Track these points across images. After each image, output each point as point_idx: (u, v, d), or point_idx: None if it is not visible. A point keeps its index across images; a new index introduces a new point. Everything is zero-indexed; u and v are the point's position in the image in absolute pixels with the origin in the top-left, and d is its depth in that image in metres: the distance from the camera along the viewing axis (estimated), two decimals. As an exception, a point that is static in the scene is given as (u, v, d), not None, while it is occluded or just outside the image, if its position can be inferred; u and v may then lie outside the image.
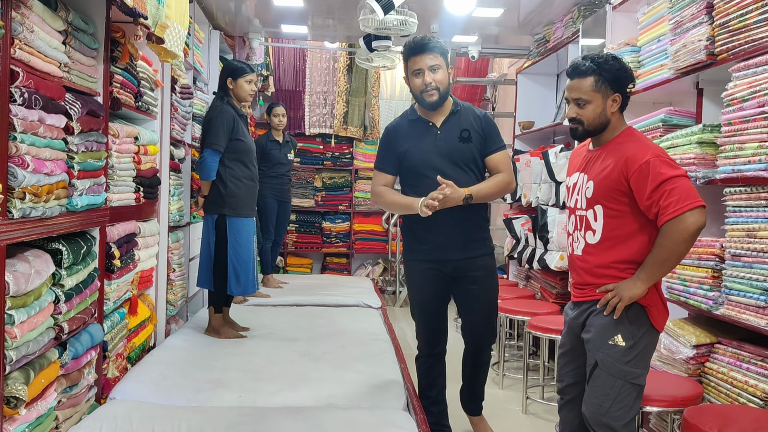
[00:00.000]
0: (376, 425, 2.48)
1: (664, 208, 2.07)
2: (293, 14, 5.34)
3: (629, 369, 2.16)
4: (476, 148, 2.85)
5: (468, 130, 2.84)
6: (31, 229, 2.07)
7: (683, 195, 2.05)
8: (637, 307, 2.17)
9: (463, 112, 2.89)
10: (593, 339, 2.22)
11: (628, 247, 2.19)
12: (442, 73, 2.80)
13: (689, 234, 2.05)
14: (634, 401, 2.19)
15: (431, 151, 2.83)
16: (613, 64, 2.23)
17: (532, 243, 4.98)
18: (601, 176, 2.22)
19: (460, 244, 2.85)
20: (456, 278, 2.92)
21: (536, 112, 5.65)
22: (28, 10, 2.04)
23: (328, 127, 7.76)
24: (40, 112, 2.09)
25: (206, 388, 2.86)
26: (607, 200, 2.21)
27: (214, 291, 3.80)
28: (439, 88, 2.78)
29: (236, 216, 3.72)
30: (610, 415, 2.17)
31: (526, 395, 3.75)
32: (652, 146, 2.18)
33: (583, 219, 2.30)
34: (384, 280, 7.81)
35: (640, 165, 2.11)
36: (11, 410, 1.96)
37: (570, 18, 4.70)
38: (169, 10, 2.95)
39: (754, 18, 2.47)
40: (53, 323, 2.24)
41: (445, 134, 2.84)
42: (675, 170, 2.09)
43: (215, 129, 3.66)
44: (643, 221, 2.17)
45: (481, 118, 2.87)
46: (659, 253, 2.11)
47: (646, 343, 2.19)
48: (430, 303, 2.94)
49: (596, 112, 2.23)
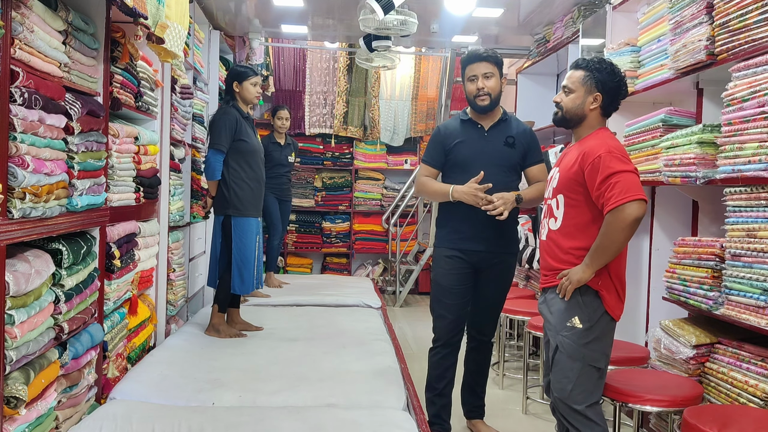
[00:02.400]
0: (376, 425, 2.48)
1: (608, 199, 2.22)
2: (293, 14, 5.34)
3: (588, 352, 2.32)
4: (518, 156, 3.06)
5: (513, 137, 3.06)
6: (31, 229, 2.07)
7: (625, 188, 2.20)
8: (592, 292, 2.33)
9: (511, 122, 3.12)
10: (553, 323, 2.41)
11: (585, 236, 2.35)
12: (494, 81, 3.02)
13: (626, 224, 2.20)
14: (596, 384, 2.35)
15: (478, 149, 3.03)
16: (606, 68, 2.41)
17: (532, 243, 4.98)
18: (565, 168, 2.42)
19: (490, 238, 3.02)
20: (479, 270, 3.07)
21: (536, 112, 5.64)
22: (28, 10, 2.04)
23: (328, 127, 7.77)
24: (40, 112, 2.09)
25: (206, 388, 2.86)
26: (568, 190, 2.39)
27: (219, 290, 3.84)
28: (490, 93, 3.01)
29: (240, 216, 3.77)
30: (572, 398, 2.33)
31: (526, 395, 3.75)
32: (610, 143, 2.33)
33: (549, 207, 2.49)
34: (384, 280, 7.80)
35: (593, 159, 2.28)
36: (11, 410, 1.96)
37: (570, 18, 4.70)
38: (169, 10, 2.95)
39: (754, 18, 2.47)
40: (53, 323, 2.24)
41: (492, 137, 3.06)
42: (624, 165, 2.24)
43: (217, 130, 3.74)
44: (596, 212, 2.32)
45: (528, 132, 3.11)
46: (601, 241, 2.26)
47: (603, 327, 2.34)
48: (455, 290, 3.06)
49: (575, 103, 2.44)
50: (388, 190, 7.99)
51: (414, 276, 7.20)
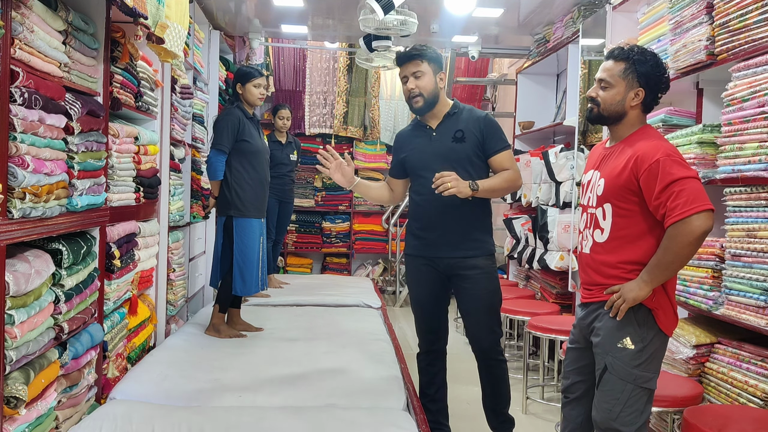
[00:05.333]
0: (376, 425, 2.48)
1: (671, 209, 2.00)
2: (293, 14, 5.34)
3: (639, 372, 2.11)
4: (471, 149, 2.85)
5: (462, 130, 2.86)
6: (31, 229, 2.07)
7: (691, 197, 1.97)
8: (645, 310, 2.11)
9: (462, 114, 2.91)
10: (602, 342, 2.17)
11: (636, 248, 2.13)
12: (425, 79, 2.83)
13: (694, 237, 1.98)
14: (645, 405, 2.14)
15: (426, 152, 2.89)
16: (650, 60, 2.16)
17: (532, 243, 4.98)
18: (612, 174, 2.16)
19: (453, 243, 2.86)
20: (450, 277, 2.93)
21: (536, 112, 5.65)
22: (28, 10, 2.04)
23: (328, 127, 7.76)
24: (40, 112, 2.09)
25: (206, 388, 2.86)
26: (617, 199, 2.15)
27: (220, 290, 3.85)
28: (422, 93, 2.83)
29: (242, 217, 3.77)
30: (620, 420, 2.12)
31: (526, 395, 3.75)
32: (665, 145, 2.09)
33: (593, 217, 2.24)
34: (384, 280, 7.80)
35: (650, 164, 2.04)
36: (11, 410, 1.96)
37: (570, 18, 4.70)
38: (169, 10, 2.95)
39: (754, 18, 2.47)
40: (53, 323, 2.24)
41: (440, 135, 2.89)
42: (686, 171, 2.02)
43: (219, 130, 3.76)
44: (651, 222, 2.10)
45: (481, 119, 2.88)
46: (663, 256, 2.04)
47: (656, 347, 2.13)
48: (425, 299, 2.98)
49: (615, 99, 2.18)
50: (388, 190, 7.99)
51: (414, 276, 7.19)
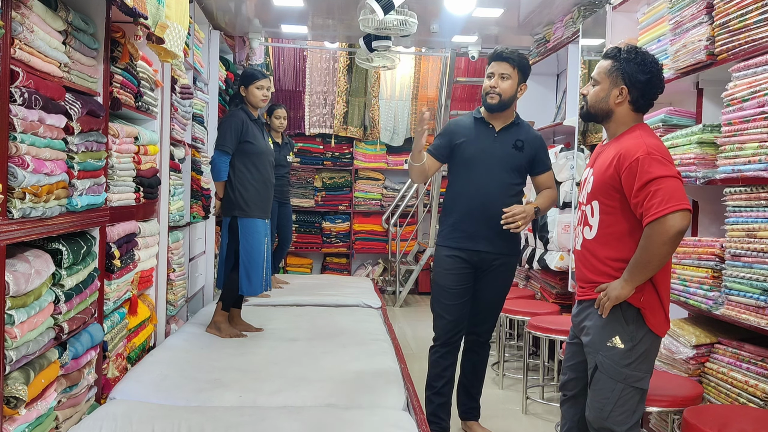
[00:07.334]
0: (376, 425, 2.48)
1: (647, 209, 2.01)
2: (293, 14, 5.34)
3: (630, 372, 2.12)
4: (525, 159, 3.06)
5: (522, 141, 3.06)
6: (31, 229, 2.07)
7: (667, 197, 1.98)
8: (633, 310, 2.12)
9: (522, 127, 3.12)
10: (592, 341, 2.20)
11: (622, 245, 2.14)
12: (509, 84, 3.00)
13: (669, 237, 1.98)
14: (637, 405, 2.15)
15: (486, 148, 3.03)
16: (636, 59, 2.17)
17: (532, 243, 4.98)
18: (600, 171, 2.20)
19: (491, 238, 3.00)
20: (479, 270, 3.06)
21: (536, 112, 5.64)
22: (28, 10, 2.04)
23: (328, 127, 7.77)
24: (40, 112, 2.09)
25: (206, 388, 2.86)
26: (603, 196, 2.17)
27: (225, 290, 3.86)
28: (501, 94, 2.99)
29: (246, 217, 3.80)
30: (612, 419, 2.13)
31: (526, 395, 3.75)
32: (648, 142, 2.09)
33: (583, 214, 2.29)
34: (384, 280, 7.81)
35: (630, 162, 2.06)
36: (11, 410, 1.96)
37: (570, 18, 4.70)
38: (169, 10, 2.95)
39: (754, 18, 2.47)
40: (53, 323, 2.24)
41: (501, 138, 3.06)
42: (664, 169, 2.02)
43: (222, 131, 3.82)
44: (634, 221, 2.11)
45: (538, 138, 3.12)
46: (641, 255, 2.05)
47: (647, 347, 2.14)
48: (454, 290, 3.05)
49: (599, 96, 2.23)
50: (388, 190, 8.00)
51: (414, 276, 7.20)
